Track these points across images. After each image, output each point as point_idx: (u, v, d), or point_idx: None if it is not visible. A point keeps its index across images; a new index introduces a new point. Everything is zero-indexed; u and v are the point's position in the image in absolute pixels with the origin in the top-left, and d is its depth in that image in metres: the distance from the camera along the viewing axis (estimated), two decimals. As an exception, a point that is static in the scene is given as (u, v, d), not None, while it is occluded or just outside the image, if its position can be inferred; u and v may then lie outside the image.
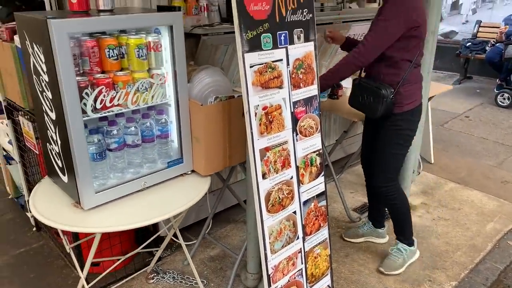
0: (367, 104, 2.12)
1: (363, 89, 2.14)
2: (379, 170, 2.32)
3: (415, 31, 2.03)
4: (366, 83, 2.15)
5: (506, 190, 3.55)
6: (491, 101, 5.87)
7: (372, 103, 2.08)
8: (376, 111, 2.10)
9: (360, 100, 2.15)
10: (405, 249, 2.54)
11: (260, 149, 1.70)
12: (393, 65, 2.11)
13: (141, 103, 1.67)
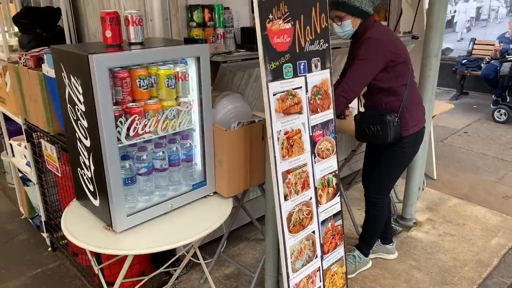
0: (376, 134, 2.20)
1: (367, 121, 2.23)
2: (376, 182, 2.45)
3: (399, 59, 2.15)
4: (369, 115, 2.26)
5: (508, 205, 3.65)
6: (488, 116, 6.02)
7: (381, 131, 2.17)
8: (386, 138, 2.19)
9: (368, 132, 2.23)
10: (360, 257, 2.69)
11: (282, 172, 1.79)
12: (392, 93, 2.23)
13: (170, 130, 1.76)
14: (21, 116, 2.62)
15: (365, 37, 2.08)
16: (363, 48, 2.08)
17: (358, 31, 2.15)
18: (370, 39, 2.08)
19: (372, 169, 2.44)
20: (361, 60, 2.09)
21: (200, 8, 2.26)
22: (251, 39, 2.43)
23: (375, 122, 2.18)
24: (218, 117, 1.96)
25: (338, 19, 2.13)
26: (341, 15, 2.11)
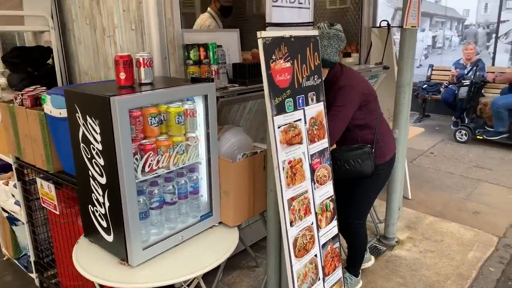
0: (358, 167, 2.33)
1: (346, 156, 2.34)
2: (355, 208, 2.58)
3: (370, 97, 2.40)
4: (347, 150, 2.37)
5: (478, 220, 3.92)
6: (450, 137, 6.43)
7: (362, 164, 2.32)
8: (368, 169, 2.34)
9: (348, 167, 2.33)
10: (351, 278, 2.82)
11: (288, 199, 1.91)
12: (367, 127, 2.43)
13: (180, 164, 1.85)
14: (11, 154, 2.60)
15: (341, 85, 2.28)
16: (340, 95, 2.27)
17: (327, 78, 2.34)
18: (345, 87, 2.28)
19: (351, 197, 2.56)
20: (340, 107, 2.27)
21: (196, 47, 2.39)
22: (243, 74, 2.58)
23: (355, 156, 2.32)
24: (223, 150, 2.06)
25: None
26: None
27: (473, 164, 5.41)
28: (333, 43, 2.24)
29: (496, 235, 3.64)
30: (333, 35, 2.24)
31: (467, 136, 6.13)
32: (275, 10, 1.80)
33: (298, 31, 1.92)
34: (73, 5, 2.75)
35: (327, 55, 2.25)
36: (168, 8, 2.26)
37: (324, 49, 2.23)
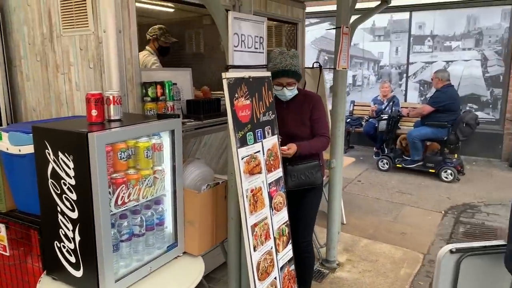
0: (312, 178, 2.63)
1: (302, 168, 2.61)
2: (304, 227, 2.79)
3: None
4: (301, 163, 2.62)
5: (405, 240, 4.34)
6: (374, 166, 7.05)
7: (315, 174, 2.64)
8: (319, 180, 2.67)
9: (304, 178, 2.61)
10: None
11: (251, 225, 2.05)
12: None
13: (149, 196, 1.92)
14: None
15: (316, 97, 2.76)
16: (320, 104, 2.73)
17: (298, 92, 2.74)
18: (319, 97, 2.76)
19: (299, 215, 2.77)
20: (322, 112, 2.73)
21: (154, 85, 2.50)
22: (197, 109, 2.73)
23: (309, 168, 2.61)
24: (187, 182, 2.16)
25: (289, 85, 2.60)
26: (292, 81, 2.60)
27: (395, 190, 5.98)
28: (297, 60, 2.64)
29: (421, 252, 4.06)
30: (295, 54, 2.64)
31: (388, 164, 6.77)
32: (236, 54, 2.00)
33: (255, 73, 2.14)
34: (21, 41, 2.73)
35: (300, 72, 2.64)
36: (127, 49, 2.37)
37: (298, 64, 2.62)
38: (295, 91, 2.65)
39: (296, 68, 2.59)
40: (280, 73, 2.53)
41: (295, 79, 2.60)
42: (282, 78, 2.55)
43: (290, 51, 2.60)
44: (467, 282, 1.65)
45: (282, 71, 2.53)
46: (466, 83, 7.54)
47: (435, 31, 7.69)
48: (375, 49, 8.28)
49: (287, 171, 2.58)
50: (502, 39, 7.20)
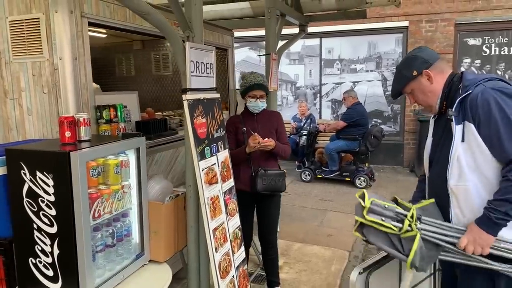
0: (279, 184, 3.07)
1: (274, 175, 3.04)
2: (274, 229, 3.25)
3: None
4: (273, 170, 3.07)
5: (332, 241, 4.85)
6: (297, 178, 7.62)
7: (282, 181, 3.08)
8: (284, 187, 3.13)
9: (273, 183, 3.03)
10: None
11: (212, 229, 2.31)
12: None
13: (120, 209, 2.09)
14: None
15: (279, 114, 3.31)
16: (282, 119, 3.28)
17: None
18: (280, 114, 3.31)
19: (264, 221, 3.20)
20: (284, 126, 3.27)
21: (108, 108, 2.66)
22: (147, 129, 2.93)
23: (279, 175, 3.06)
24: (150, 196, 2.35)
25: (262, 97, 3.07)
26: (263, 94, 3.08)
27: (318, 198, 6.56)
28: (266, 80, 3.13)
29: (346, 250, 4.58)
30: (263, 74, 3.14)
31: (310, 176, 7.39)
32: (193, 78, 2.28)
33: (209, 94, 2.44)
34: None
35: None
36: (82, 75, 2.51)
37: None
38: (265, 104, 3.11)
39: (266, 84, 3.10)
40: (255, 86, 3.02)
41: (265, 92, 3.08)
42: (256, 91, 3.03)
43: (258, 73, 3.11)
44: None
45: (257, 85, 3.02)
46: (371, 101, 8.56)
47: (342, 55, 8.65)
48: (291, 71, 9.02)
49: (259, 174, 2.96)
50: (397, 62, 8.35)
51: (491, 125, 1.73)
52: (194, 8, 2.30)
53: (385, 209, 1.84)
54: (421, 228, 1.83)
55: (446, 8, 7.81)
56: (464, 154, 1.81)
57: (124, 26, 2.84)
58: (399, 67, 2.05)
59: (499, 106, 1.73)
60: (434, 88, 1.95)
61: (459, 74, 1.95)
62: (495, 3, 7.57)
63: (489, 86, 1.79)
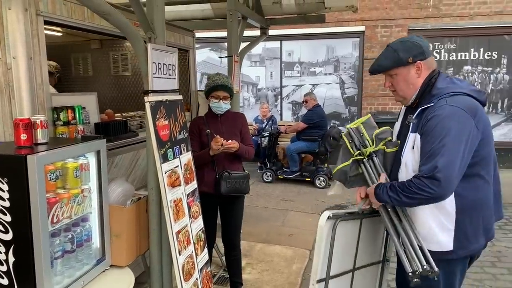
0: (243, 186, 3.10)
1: (238, 177, 3.06)
2: (236, 231, 3.28)
3: None
4: (237, 173, 3.09)
5: (293, 240, 4.94)
6: (259, 179, 7.68)
7: (246, 184, 3.12)
8: (248, 189, 3.14)
9: (237, 186, 3.05)
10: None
11: (175, 232, 2.29)
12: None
13: (80, 214, 2.03)
14: None
15: (243, 116, 3.32)
16: (246, 121, 3.28)
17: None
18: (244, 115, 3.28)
19: (228, 223, 3.22)
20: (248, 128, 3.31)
21: (65, 109, 2.58)
22: (107, 131, 2.86)
23: (243, 177, 3.08)
24: (111, 199, 2.30)
25: (225, 98, 3.08)
26: (227, 95, 3.08)
27: (280, 198, 6.65)
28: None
29: (307, 249, 4.69)
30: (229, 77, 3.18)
31: (272, 176, 7.48)
32: (155, 80, 2.26)
33: (171, 96, 2.42)
34: None
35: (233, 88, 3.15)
36: (38, 75, 2.42)
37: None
38: (228, 106, 3.11)
39: (231, 86, 3.08)
40: (219, 87, 3.02)
41: (229, 94, 3.08)
42: (220, 92, 3.04)
43: (223, 74, 3.12)
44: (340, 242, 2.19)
45: (221, 85, 3.02)
46: (329, 103, 8.78)
47: (302, 58, 8.82)
48: (252, 73, 9.09)
49: (223, 177, 2.96)
50: (354, 65, 8.63)
51: (426, 140, 1.82)
52: (156, 8, 2.28)
53: (360, 135, 2.21)
54: (364, 162, 2.18)
55: (400, 14, 8.17)
56: (412, 161, 1.92)
57: (83, 25, 2.76)
58: (396, 46, 1.96)
59: (442, 125, 1.77)
60: (417, 82, 1.95)
61: (436, 74, 1.95)
62: (444, 11, 8.01)
63: (451, 103, 1.81)
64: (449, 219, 1.88)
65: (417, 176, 1.82)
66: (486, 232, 1.97)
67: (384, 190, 1.94)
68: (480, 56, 8.07)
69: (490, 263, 4.16)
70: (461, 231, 1.89)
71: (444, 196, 1.79)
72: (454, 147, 1.75)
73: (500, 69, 8.08)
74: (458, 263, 1.99)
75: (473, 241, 1.93)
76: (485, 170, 1.90)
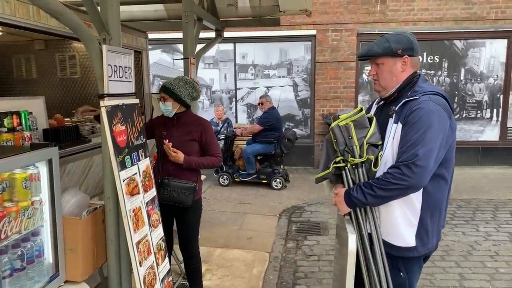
0: (183, 197, 2.90)
1: (178, 186, 2.90)
2: (189, 240, 3.17)
3: None
4: (178, 182, 2.93)
5: (252, 244, 4.92)
6: (215, 182, 7.60)
7: (187, 196, 2.92)
8: (189, 202, 2.94)
9: (175, 195, 2.88)
10: None
11: (135, 243, 2.19)
12: None
13: (30, 228, 1.88)
14: None
15: (206, 123, 3.14)
16: (210, 129, 3.10)
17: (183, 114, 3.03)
18: (208, 122, 3.17)
19: (180, 232, 3.07)
20: (212, 135, 3.13)
21: (10, 115, 2.38)
22: (57, 138, 2.69)
23: (184, 188, 2.91)
24: (64, 211, 2.15)
25: (162, 99, 2.94)
26: (165, 97, 2.93)
27: (237, 201, 6.61)
28: (188, 87, 2.94)
29: (267, 252, 4.68)
30: (189, 82, 2.94)
31: (228, 180, 7.42)
32: (111, 83, 2.15)
33: (127, 100, 2.31)
34: None
35: (179, 92, 2.91)
36: (-22, 77, 2.22)
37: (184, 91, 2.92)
38: (169, 108, 2.95)
39: (174, 89, 2.91)
40: (161, 89, 2.96)
41: (169, 96, 2.92)
42: (161, 93, 2.95)
43: (188, 78, 3.00)
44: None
45: (162, 87, 2.94)
46: (284, 105, 8.88)
47: (256, 61, 8.85)
48: (206, 75, 8.98)
49: (161, 183, 2.81)
50: (307, 68, 8.79)
51: (408, 130, 1.89)
52: (111, 9, 2.17)
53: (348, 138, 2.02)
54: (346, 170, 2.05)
55: (349, 19, 8.43)
56: (391, 151, 1.97)
57: (28, 24, 2.57)
58: (389, 37, 2.04)
59: (426, 118, 1.86)
60: (401, 76, 2.03)
61: (418, 76, 2.06)
62: (390, 17, 8.36)
63: (434, 100, 1.91)
64: (415, 214, 1.95)
65: (394, 166, 1.88)
66: (438, 233, 2.06)
67: (358, 189, 1.96)
68: (423, 60, 8.51)
69: (440, 257, 4.38)
70: (423, 228, 1.96)
71: (418, 186, 1.86)
72: (434, 140, 1.84)
73: (442, 72, 8.57)
74: (417, 261, 2.06)
75: (431, 239, 2.01)
76: (448, 173, 1.99)
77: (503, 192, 6.81)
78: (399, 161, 1.87)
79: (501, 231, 5.12)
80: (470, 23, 8.22)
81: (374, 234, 1.99)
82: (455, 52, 8.49)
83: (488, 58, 8.44)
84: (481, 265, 4.21)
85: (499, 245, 4.70)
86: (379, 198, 1.92)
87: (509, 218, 5.60)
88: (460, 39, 8.42)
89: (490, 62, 8.45)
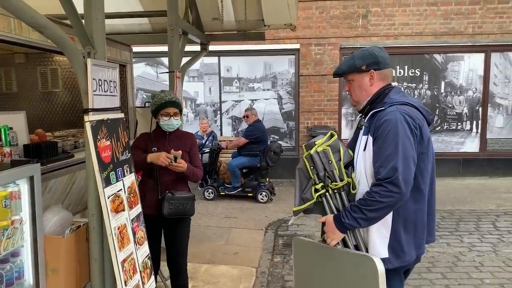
0: (186, 208, 2.94)
1: (182, 198, 2.90)
2: (181, 255, 3.12)
3: None
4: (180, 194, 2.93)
5: (238, 259, 4.85)
6: (200, 196, 7.50)
7: (190, 205, 2.97)
8: (193, 211, 3.01)
9: (181, 208, 2.89)
10: None
11: (121, 261, 2.12)
12: None
13: (10, 248, 1.80)
14: None
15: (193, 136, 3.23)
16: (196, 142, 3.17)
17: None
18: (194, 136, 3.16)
19: (172, 246, 3.03)
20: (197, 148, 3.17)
21: (-11, 130, 2.31)
22: (39, 154, 2.61)
23: (186, 199, 2.93)
24: (46, 230, 2.08)
25: (176, 115, 2.93)
26: (178, 113, 2.95)
27: (223, 215, 6.54)
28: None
29: (254, 267, 4.62)
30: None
31: (213, 193, 7.35)
32: (95, 97, 2.10)
33: (112, 115, 2.27)
34: None
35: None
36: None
37: None
38: (179, 122, 2.98)
39: (179, 102, 2.96)
40: (168, 103, 2.88)
41: (179, 110, 2.95)
42: (170, 108, 2.89)
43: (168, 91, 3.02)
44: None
45: (170, 102, 2.88)
46: (268, 118, 8.89)
47: (241, 74, 8.87)
48: (191, 89, 8.94)
49: (166, 197, 2.80)
50: (291, 82, 8.85)
51: (381, 143, 1.91)
52: (96, 22, 2.14)
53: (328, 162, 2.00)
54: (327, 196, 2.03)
55: (332, 33, 8.55)
56: (363, 162, 1.98)
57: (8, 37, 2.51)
58: (356, 54, 2.11)
59: (395, 129, 1.89)
60: (370, 90, 2.08)
61: (390, 87, 2.10)
62: (372, 31, 8.52)
63: (401, 109, 1.94)
64: (386, 226, 1.96)
65: (377, 184, 1.87)
66: (417, 247, 2.06)
67: (348, 215, 1.94)
68: (405, 73, 8.68)
69: (426, 269, 4.39)
70: (396, 240, 1.96)
71: (404, 198, 1.87)
72: (408, 149, 1.87)
73: (423, 85, 8.73)
74: (395, 274, 2.04)
75: (407, 252, 2.00)
76: (424, 184, 2.00)
77: (484, 203, 6.92)
78: (381, 178, 1.87)
79: (484, 242, 5.18)
80: (449, 37, 8.44)
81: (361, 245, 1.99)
82: (435, 65, 8.68)
83: (467, 71, 8.66)
84: (466, 276, 4.24)
85: (483, 255, 4.74)
86: (370, 220, 1.92)
87: (492, 228, 5.68)
88: (439, 53, 8.62)
89: (468, 75, 8.66)
